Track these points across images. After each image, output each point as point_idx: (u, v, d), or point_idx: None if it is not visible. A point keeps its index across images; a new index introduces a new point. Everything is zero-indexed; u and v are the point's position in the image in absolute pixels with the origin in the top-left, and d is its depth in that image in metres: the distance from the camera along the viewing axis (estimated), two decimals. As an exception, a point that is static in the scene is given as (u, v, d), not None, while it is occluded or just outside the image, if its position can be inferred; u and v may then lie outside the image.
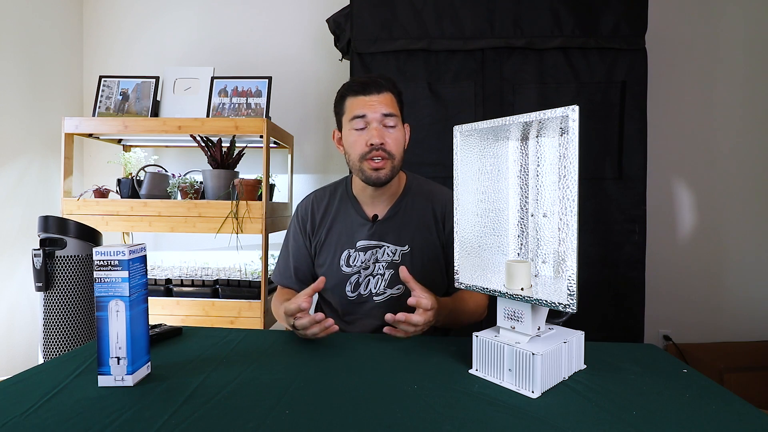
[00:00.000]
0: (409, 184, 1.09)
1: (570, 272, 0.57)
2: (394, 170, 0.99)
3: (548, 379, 0.63)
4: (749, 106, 2.13)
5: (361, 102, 0.97)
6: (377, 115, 0.97)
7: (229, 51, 2.29)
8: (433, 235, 1.05)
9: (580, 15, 1.72)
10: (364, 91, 0.97)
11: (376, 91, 0.97)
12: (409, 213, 1.06)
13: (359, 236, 1.05)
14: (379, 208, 1.06)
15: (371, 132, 0.96)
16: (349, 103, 1.00)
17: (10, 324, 1.95)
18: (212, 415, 0.56)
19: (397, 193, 1.07)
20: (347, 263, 1.04)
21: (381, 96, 0.98)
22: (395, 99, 1.01)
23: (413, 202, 1.07)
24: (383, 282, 1.03)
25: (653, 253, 1.96)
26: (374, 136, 0.96)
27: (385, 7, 1.78)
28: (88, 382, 0.66)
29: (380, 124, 0.97)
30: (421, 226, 1.05)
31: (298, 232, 1.10)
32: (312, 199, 1.12)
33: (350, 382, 0.66)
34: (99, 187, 1.91)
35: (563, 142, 0.60)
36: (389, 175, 0.99)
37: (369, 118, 0.97)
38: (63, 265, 1.46)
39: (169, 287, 1.84)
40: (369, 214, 1.06)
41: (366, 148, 0.97)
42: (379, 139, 0.96)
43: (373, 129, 0.96)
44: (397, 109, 1.00)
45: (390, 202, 1.06)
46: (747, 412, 0.57)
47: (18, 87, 1.97)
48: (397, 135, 0.99)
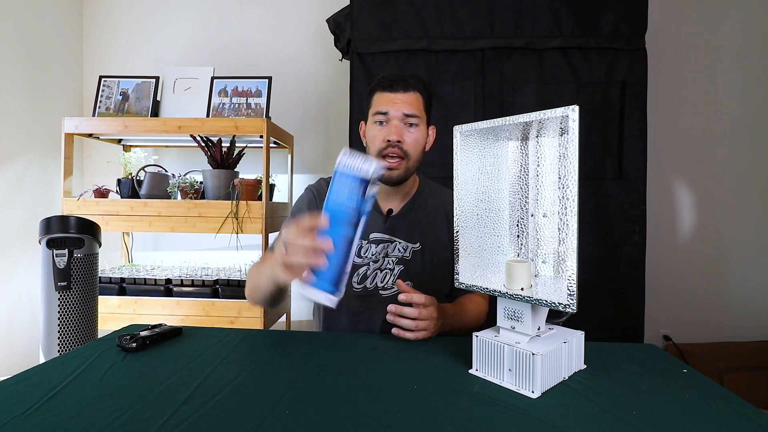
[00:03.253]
0: (422, 186, 1.11)
1: (570, 272, 0.57)
2: (408, 171, 1.00)
3: (548, 379, 0.63)
4: (749, 105, 2.13)
5: (386, 99, 0.99)
6: (399, 114, 0.98)
7: (229, 51, 2.29)
8: (444, 236, 1.07)
9: (580, 15, 1.72)
10: (391, 88, 0.98)
11: (403, 89, 0.98)
12: (421, 212, 1.07)
13: (374, 228, 1.05)
14: (393, 205, 1.07)
15: (390, 128, 0.98)
16: (376, 98, 1.01)
17: (10, 324, 1.95)
18: (212, 415, 0.56)
19: (411, 193, 1.09)
20: (358, 253, 1.04)
21: (407, 95, 0.98)
22: (422, 99, 1.01)
23: (426, 203, 1.09)
24: (392, 277, 1.03)
25: (653, 253, 1.96)
26: (392, 132, 0.97)
27: (385, 7, 1.78)
28: (88, 382, 0.66)
29: (401, 122, 0.98)
30: (433, 226, 1.06)
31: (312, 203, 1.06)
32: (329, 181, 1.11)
33: (350, 382, 0.66)
34: (99, 187, 1.91)
35: (563, 142, 0.60)
36: (402, 175, 1.00)
37: (390, 116, 0.98)
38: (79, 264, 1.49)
39: (169, 287, 1.84)
40: (384, 208, 1.07)
41: (383, 143, 0.98)
42: (397, 137, 0.97)
43: (393, 126, 0.98)
44: (421, 110, 1.01)
45: (404, 200, 1.08)
46: (747, 412, 0.57)
47: (18, 87, 1.97)
48: (417, 135, 1.00)
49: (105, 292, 1.82)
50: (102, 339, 0.86)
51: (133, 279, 1.84)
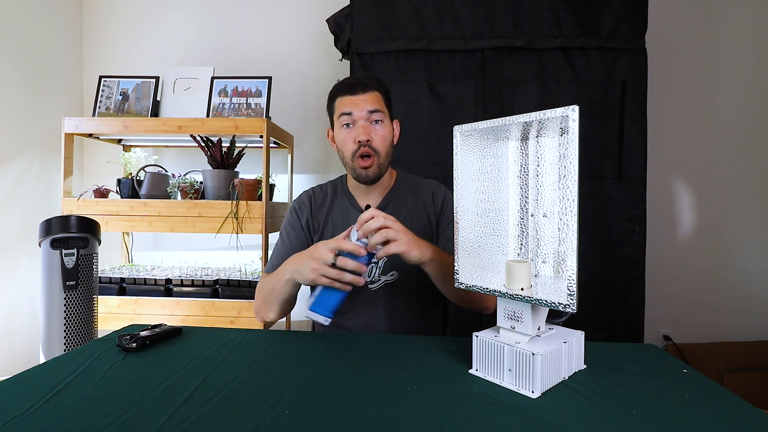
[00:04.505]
0: (399, 179, 1.14)
1: (570, 272, 0.57)
2: (381, 167, 1.04)
3: (548, 379, 0.63)
4: (749, 105, 2.13)
5: (348, 101, 1.03)
6: (363, 113, 1.02)
7: (229, 51, 2.29)
8: (424, 224, 1.09)
9: (580, 15, 1.73)
10: (351, 91, 1.03)
11: (362, 90, 1.02)
12: (399, 205, 1.10)
13: None
14: (371, 200, 1.10)
15: (358, 129, 1.01)
16: (338, 103, 1.05)
17: (10, 324, 1.95)
18: (212, 415, 0.56)
19: (387, 188, 1.12)
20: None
21: (367, 95, 1.03)
22: (382, 97, 1.06)
23: (403, 194, 1.11)
24: (377, 270, 1.05)
25: (653, 253, 1.96)
26: (361, 133, 1.01)
27: (385, 7, 1.78)
28: (88, 382, 0.66)
29: (366, 121, 1.02)
30: (411, 217, 1.08)
31: (296, 224, 1.12)
32: (309, 194, 1.15)
33: (350, 382, 0.66)
34: (99, 187, 1.91)
35: (563, 142, 0.60)
36: (376, 172, 1.03)
37: (355, 116, 1.02)
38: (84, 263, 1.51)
39: (169, 287, 1.84)
40: (362, 204, 1.10)
41: (354, 145, 1.02)
42: (366, 136, 1.00)
43: (360, 126, 1.01)
44: (383, 106, 1.05)
45: (382, 194, 1.11)
46: (747, 412, 0.57)
47: (18, 87, 1.97)
48: (384, 132, 1.04)
49: (105, 292, 1.82)
50: (102, 339, 0.86)
51: (133, 279, 1.84)
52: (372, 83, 1.04)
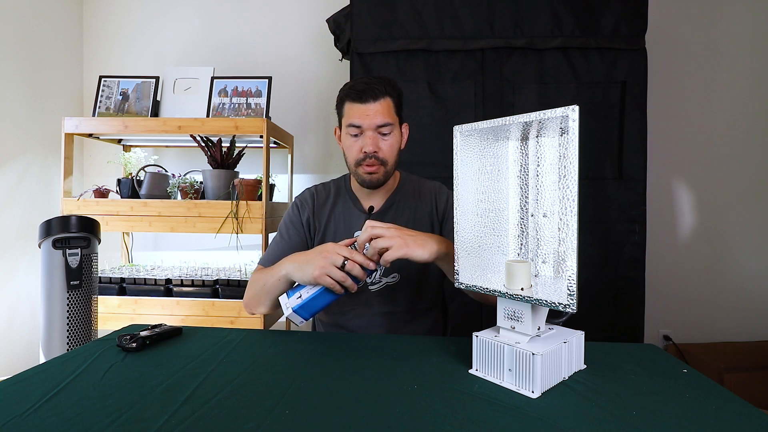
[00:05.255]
0: (403, 181, 1.13)
1: (570, 272, 0.57)
2: (387, 174, 1.03)
3: (548, 379, 0.63)
4: (749, 105, 2.13)
5: (358, 111, 0.98)
6: (372, 125, 0.98)
7: (229, 51, 2.29)
8: (427, 226, 1.08)
9: (580, 15, 1.73)
10: (361, 99, 0.98)
11: (373, 98, 0.97)
12: (402, 207, 1.09)
13: (356, 227, 1.07)
14: (375, 202, 1.09)
15: (365, 140, 0.98)
16: (347, 108, 1.01)
17: (10, 324, 1.95)
18: (212, 415, 0.56)
19: (391, 190, 1.11)
20: None
21: (378, 104, 0.98)
22: (393, 103, 1.01)
23: (406, 198, 1.10)
24: (378, 272, 1.05)
25: (653, 253, 1.96)
26: (368, 144, 0.98)
27: (385, 7, 1.78)
28: (88, 382, 0.66)
29: (375, 132, 0.99)
30: (414, 217, 1.08)
31: (296, 221, 1.11)
32: (312, 191, 1.14)
33: (350, 382, 0.66)
34: (99, 187, 1.91)
35: (563, 142, 0.60)
36: (382, 179, 1.02)
37: (364, 128, 0.98)
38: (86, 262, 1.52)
39: (169, 287, 1.84)
40: (365, 206, 1.09)
41: (360, 154, 0.99)
42: (373, 148, 0.98)
43: (368, 137, 0.98)
44: (393, 116, 1.01)
45: (385, 196, 1.10)
46: (747, 412, 0.57)
47: (18, 87, 1.97)
48: (392, 141, 1.01)
49: (105, 292, 1.82)
50: (102, 339, 0.86)
51: (133, 279, 1.84)
52: (384, 89, 0.98)
